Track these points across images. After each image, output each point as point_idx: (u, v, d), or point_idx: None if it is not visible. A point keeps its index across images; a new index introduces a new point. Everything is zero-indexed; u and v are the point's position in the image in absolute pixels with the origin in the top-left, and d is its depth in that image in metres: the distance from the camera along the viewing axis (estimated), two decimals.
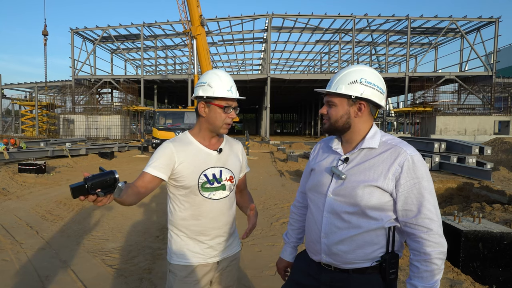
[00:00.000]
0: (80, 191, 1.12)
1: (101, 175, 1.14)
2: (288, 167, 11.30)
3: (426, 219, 1.19)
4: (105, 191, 1.15)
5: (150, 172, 1.48)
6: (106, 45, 36.19)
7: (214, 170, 1.56)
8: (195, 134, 1.61)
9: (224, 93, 1.52)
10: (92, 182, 1.12)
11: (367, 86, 1.28)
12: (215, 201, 1.57)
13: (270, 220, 5.30)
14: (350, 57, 33.01)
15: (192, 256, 1.56)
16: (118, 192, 1.17)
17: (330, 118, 1.33)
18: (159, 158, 1.50)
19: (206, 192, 1.54)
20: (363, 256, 1.26)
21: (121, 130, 28.53)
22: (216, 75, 1.55)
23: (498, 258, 2.96)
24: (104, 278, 3.25)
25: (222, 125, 1.55)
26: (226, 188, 1.59)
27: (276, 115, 77.16)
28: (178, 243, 1.58)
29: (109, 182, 1.15)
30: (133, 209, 5.83)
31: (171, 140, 1.59)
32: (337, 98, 1.31)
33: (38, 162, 9.37)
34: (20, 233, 4.50)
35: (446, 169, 9.60)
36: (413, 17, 28.43)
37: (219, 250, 1.60)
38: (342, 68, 1.36)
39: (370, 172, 1.24)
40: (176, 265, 1.57)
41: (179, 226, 1.58)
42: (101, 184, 1.13)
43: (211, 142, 1.61)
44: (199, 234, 1.56)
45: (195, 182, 1.52)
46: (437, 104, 28.22)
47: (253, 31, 32.94)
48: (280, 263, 1.62)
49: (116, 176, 1.16)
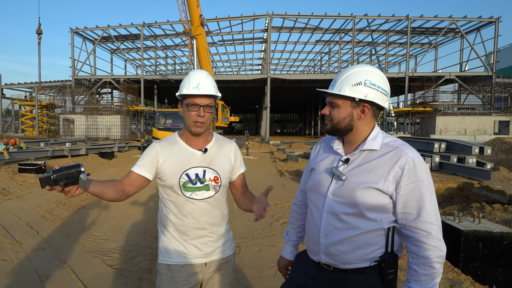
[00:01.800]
0: (47, 181, 1.24)
1: (66, 168, 1.26)
2: (288, 167, 11.30)
3: (425, 222, 1.19)
4: (69, 182, 1.26)
5: (135, 170, 1.54)
6: (106, 45, 36.18)
7: (197, 170, 1.55)
8: (181, 135, 1.63)
9: (189, 90, 1.51)
10: (57, 174, 1.24)
11: (371, 88, 1.26)
12: (197, 201, 1.55)
13: (270, 220, 5.30)
14: (350, 57, 33.01)
15: (177, 255, 1.55)
16: (82, 183, 1.27)
17: (332, 119, 1.32)
18: (145, 157, 1.56)
19: (187, 192, 1.53)
20: (362, 257, 1.26)
21: (121, 130, 28.51)
22: (188, 74, 1.57)
23: (498, 258, 2.96)
24: (104, 278, 3.25)
25: (191, 123, 1.52)
26: (210, 189, 1.56)
27: (276, 115, 77.15)
28: (165, 242, 1.58)
29: (74, 174, 1.26)
30: (133, 209, 5.83)
31: (159, 140, 1.62)
32: (340, 100, 1.29)
33: (38, 162, 9.37)
34: (20, 233, 4.50)
35: (446, 169, 9.59)
36: (413, 17, 28.43)
37: (205, 251, 1.57)
38: (346, 67, 1.33)
39: (370, 174, 1.24)
40: (162, 265, 1.57)
41: (165, 225, 1.59)
42: (66, 176, 1.25)
43: (196, 142, 1.60)
44: (183, 233, 1.55)
45: (176, 181, 1.52)
46: (437, 104, 28.21)
47: (253, 31, 32.94)
48: (281, 262, 1.62)
49: (81, 169, 1.27)
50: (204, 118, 1.52)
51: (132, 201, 6.18)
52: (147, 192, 6.75)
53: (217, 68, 47.51)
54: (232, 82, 32.23)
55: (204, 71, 1.60)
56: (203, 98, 1.52)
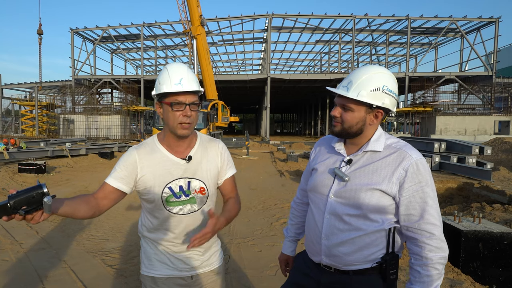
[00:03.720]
0: (3, 211, 1.01)
1: (26, 191, 1.03)
2: (288, 167, 11.30)
3: (428, 224, 1.19)
4: (32, 208, 1.03)
5: (110, 183, 1.34)
6: (106, 45, 36.18)
7: (181, 182, 1.39)
8: (161, 140, 1.44)
9: (170, 87, 1.30)
10: (14, 200, 1.01)
11: (388, 95, 1.22)
12: (183, 216, 1.40)
13: (270, 220, 5.30)
14: (350, 57, 33.00)
15: (161, 267, 1.44)
16: (47, 208, 1.04)
17: (343, 122, 1.26)
18: (121, 168, 1.36)
19: (171, 207, 1.39)
20: (364, 258, 1.26)
21: (121, 130, 28.51)
22: (165, 69, 1.35)
23: (498, 258, 2.96)
24: (104, 278, 3.25)
25: (176, 125, 1.33)
26: (196, 201, 1.42)
27: (276, 115, 77.18)
28: (148, 253, 1.47)
29: (36, 197, 1.03)
30: (133, 209, 5.83)
31: (136, 146, 1.43)
32: (355, 104, 1.23)
33: (38, 162, 9.37)
34: (20, 233, 4.50)
35: (446, 169, 9.59)
36: (413, 17, 28.42)
37: (191, 265, 1.45)
38: (360, 67, 1.27)
39: (374, 175, 1.23)
40: (145, 276, 1.46)
41: (148, 236, 1.47)
42: (27, 201, 1.02)
43: (179, 148, 1.41)
44: (167, 247, 1.44)
45: (158, 196, 1.37)
46: (437, 104, 28.22)
47: (253, 31, 32.94)
48: (281, 257, 1.65)
49: (44, 190, 1.04)
50: (191, 119, 1.34)
51: (132, 201, 6.18)
52: None
53: (217, 68, 47.53)
54: (232, 82, 32.23)
55: (183, 64, 1.40)
56: (188, 95, 1.32)
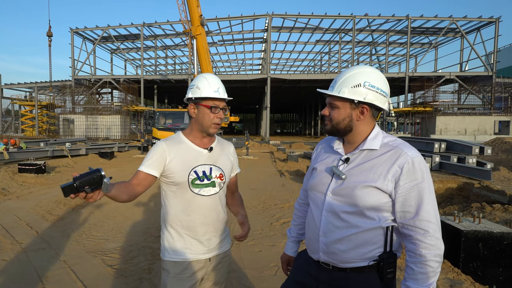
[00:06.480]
0: (70, 189, 1.23)
1: (88, 174, 1.25)
2: (288, 167, 11.30)
3: (423, 221, 1.19)
4: (93, 188, 1.25)
5: (143, 170, 1.57)
6: (106, 45, 36.17)
7: (204, 168, 1.62)
8: (187, 134, 1.69)
9: (211, 94, 1.59)
10: (80, 181, 1.23)
11: (370, 90, 1.28)
12: (205, 197, 1.61)
13: (270, 220, 5.30)
14: (350, 57, 33.00)
15: (184, 252, 1.60)
16: (106, 187, 1.28)
17: (332, 120, 1.34)
18: (152, 157, 1.59)
19: (196, 188, 1.60)
20: (361, 256, 1.27)
21: (121, 130, 28.50)
22: (204, 77, 1.63)
23: (498, 258, 2.96)
24: (104, 278, 3.25)
25: (211, 125, 1.61)
26: (216, 185, 1.64)
27: (276, 115, 77.14)
28: (170, 240, 1.62)
29: (96, 179, 1.25)
30: (133, 209, 5.83)
31: (164, 139, 1.67)
32: (339, 101, 1.31)
33: (38, 162, 9.37)
34: (20, 233, 4.50)
35: (446, 169, 9.58)
36: (413, 17, 28.41)
37: (210, 247, 1.64)
38: (346, 68, 1.34)
39: (370, 173, 1.25)
40: (169, 262, 1.60)
41: (171, 222, 1.62)
42: (89, 182, 1.24)
43: (202, 142, 1.67)
44: (190, 229, 1.60)
45: (185, 179, 1.58)
46: (437, 104, 28.20)
47: (253, 31, 32.93)
48: (283, 257, 1.67)
49: (102, 173, 1.27)
50: (221, 120, 1.64)
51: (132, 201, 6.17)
52: (147, 192, 6.74)
53: (217, 68, 47.53)
54: (232, 82, 32.21)
55: (217, 76, 1.70)
56: (222, 102, 1.63)
